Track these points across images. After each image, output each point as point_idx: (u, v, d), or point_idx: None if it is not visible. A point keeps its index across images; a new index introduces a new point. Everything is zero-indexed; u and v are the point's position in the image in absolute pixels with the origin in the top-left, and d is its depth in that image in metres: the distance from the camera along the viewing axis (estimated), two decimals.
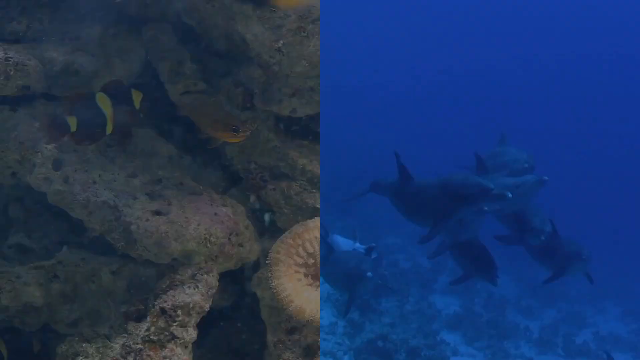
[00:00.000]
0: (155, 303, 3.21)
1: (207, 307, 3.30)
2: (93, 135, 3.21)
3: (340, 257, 5.29)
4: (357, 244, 5.65)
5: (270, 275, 3.39)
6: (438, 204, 5.00)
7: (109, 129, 3.21)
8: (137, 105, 3.31)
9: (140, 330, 3.13)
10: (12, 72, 3.45)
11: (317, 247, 3.47)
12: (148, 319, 3.17)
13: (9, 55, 3.48)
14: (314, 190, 3.82)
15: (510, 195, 4.79)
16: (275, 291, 3.34)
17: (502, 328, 9.20)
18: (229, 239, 3.50)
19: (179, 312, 3.18)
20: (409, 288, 9.45)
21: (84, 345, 3.16)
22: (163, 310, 3.17)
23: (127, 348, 3.08)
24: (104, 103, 3.17)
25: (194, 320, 3.24)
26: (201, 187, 3.72)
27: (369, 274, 4.90)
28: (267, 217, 3.92)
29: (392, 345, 7.32)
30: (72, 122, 3.12)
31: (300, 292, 3.36)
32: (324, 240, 5.26)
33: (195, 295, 3.26)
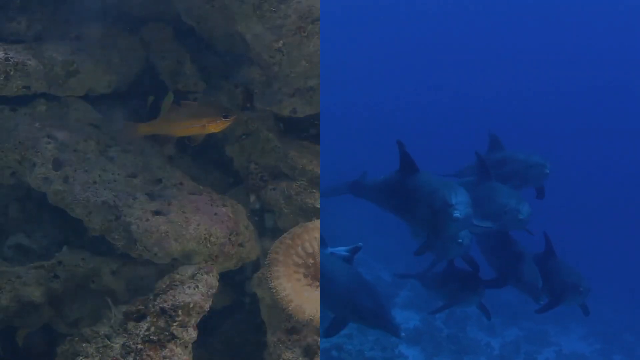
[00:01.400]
0: (155, 303, 3.20)
1: (207, 307, 3.30)
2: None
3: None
4: (334, 249, 4.96)
5: (269, 275, 3.39)
6: (425, 217, 4.55)
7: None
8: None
9: (140, 330, 3.13)
10: (12, 72, 3.45)
11: (317, 248, 3.47)
12: (148, 319, 3.16)
13: (9, 55, 3.48)
14: (314, 190, 3.81)
15: (488, 226, 4.53)
16: (274, 291, 3.35)
17: (462, 344, 9.06)
18: (229, 238, 3.50)
19: (179, 312, 3.18)
20: None
21: (84, 345, 3.15)
22: (163, 310, 3.17)
23: (127, 348, 3.08)
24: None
25: (194, 320, 3.23)
26: (201, 187, 3.72)
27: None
28: (267, 217, 3.93)
29: (347, 356, 7.21)
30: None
31: (299, 292, 3.37)
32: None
33: (195, 295, 3.26)
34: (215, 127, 3.38)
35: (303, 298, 3.35)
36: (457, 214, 4.27)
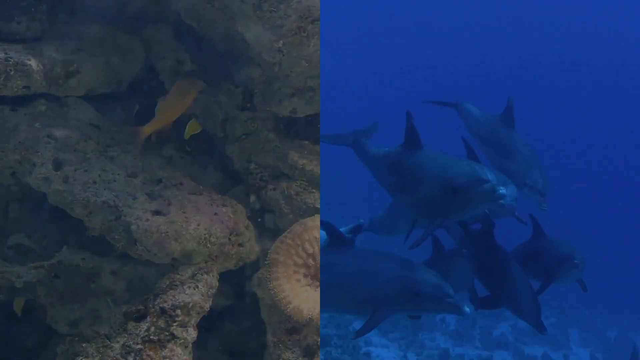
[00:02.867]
0: (155, 303, 3.21)
1: (207, 307, 3.30)
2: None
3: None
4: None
5: (268, 276, 3.39)
6: (434, 196, 3.91)
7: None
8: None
9: (140, 330, 3.13)
10: (12, 72, 3.45)
11: (317, 248, 3.47)
12: (148, 319, 3.16)
13: (9, 55, 3.47)
14: (314, 190, 3.81)
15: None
16: (273, 292, 3.35)
17: (417, 320, 9.01)
18: (229, 238, 3.50)
19: (179, 312, 3.18)
20: None
21: (84, 345, 3.16)
22: (163, 310, 3.17)
23: (127, 348, 3.08)
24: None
25: (194, 320, 3.24)
26: (201, 187, 3.72)
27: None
28: (267, 217, 3.93)
29: None
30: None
31: (298, 293, 3.37)
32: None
33: (195, 295, 3.26)
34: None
35: (302, 299, 3.35)
36: (502, 190, 3.64)
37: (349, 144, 4.75)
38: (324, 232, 4.19)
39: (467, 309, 3.60)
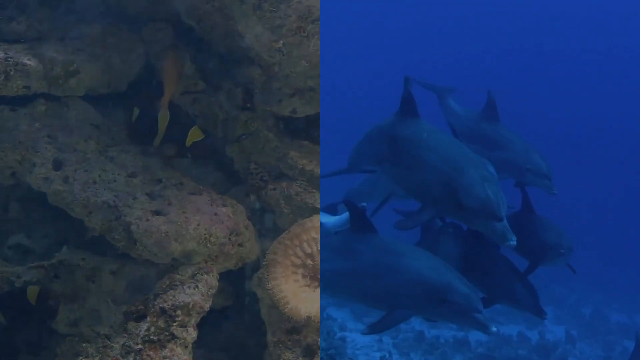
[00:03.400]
0: (155, 303, 3.21)
1: (207, 307, 3.30)
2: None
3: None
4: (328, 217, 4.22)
5: (266, 276, 3.39)
6: (434, 192, 3.57)
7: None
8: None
9: (140, 330, 3.13)
10: (12, 72, 3.45)
11: (316, 248, 3.47)
12: (148, 319, 3.17)
13: (9, 55, 3.48)
14: (314, 190, 3.81)
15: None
16: (271, 293, 3.35)
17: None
18: (229, 238, 3.50)
19: (179, 312, 3.18)
20: None
21: (84, 345, 3.16)
22: (163, 310, 3.17)
23: (127, 348, 3.08)
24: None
25: (194, 320, 3.24)
26: (201, 187, 3.72)
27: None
28: (267, 217, 3.93)
29: None
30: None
31: (297, 294, 3.37)
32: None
33: (195, 295, 3.26)
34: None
35: (300, 299, 3.35)
36: (513, 241, 3.39)
37: None
38: (331, 218, 4.00)
39: (494, 329, 3.37)
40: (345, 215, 3.95)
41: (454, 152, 3.67)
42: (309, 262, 3.47)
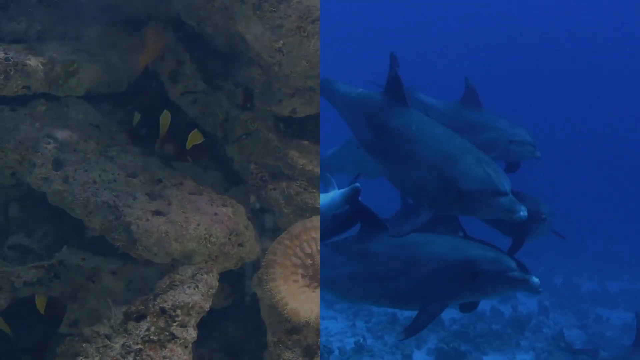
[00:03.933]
0: (155, 303, 3.21)
1: (207, 307, 3.30)
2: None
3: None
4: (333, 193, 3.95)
5: (265, 277, 3.39)
6: (430, 188, 3.39)
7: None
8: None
9: (140, 330, 3.13)
10: (12, 72, 3.45)
11: (316, 248, 3.47)
12: (148, 319, 3.16)
13: (9, 55, 3.48)
14: (314, 190, 3.81)
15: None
16: (270, 294, 3.35)
17: None
18: (229, 238, 3.50)
19: (179, 312, 3.18)
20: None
21: (84, 345, 3.16)
22: (163, 310, 3.17)
23: (127, 348, 3.08)
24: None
25: (194, 320, 3.24)
26: (201, 187, 3.72)
27: None
28: (267, 217, 3.93)
29: None
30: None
31: (296, 294, 3.36)
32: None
33: (195, 295, 3.26)
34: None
35: (299, 300, 3.35)
36: (523, 212, 3.21)
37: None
38: (325, 199, 3.79)
39: (535, 280, 3.17)
40: (339, 194, 3.77)
41: (446, 142, 3.49)
42: (309, 262, 3.46)
